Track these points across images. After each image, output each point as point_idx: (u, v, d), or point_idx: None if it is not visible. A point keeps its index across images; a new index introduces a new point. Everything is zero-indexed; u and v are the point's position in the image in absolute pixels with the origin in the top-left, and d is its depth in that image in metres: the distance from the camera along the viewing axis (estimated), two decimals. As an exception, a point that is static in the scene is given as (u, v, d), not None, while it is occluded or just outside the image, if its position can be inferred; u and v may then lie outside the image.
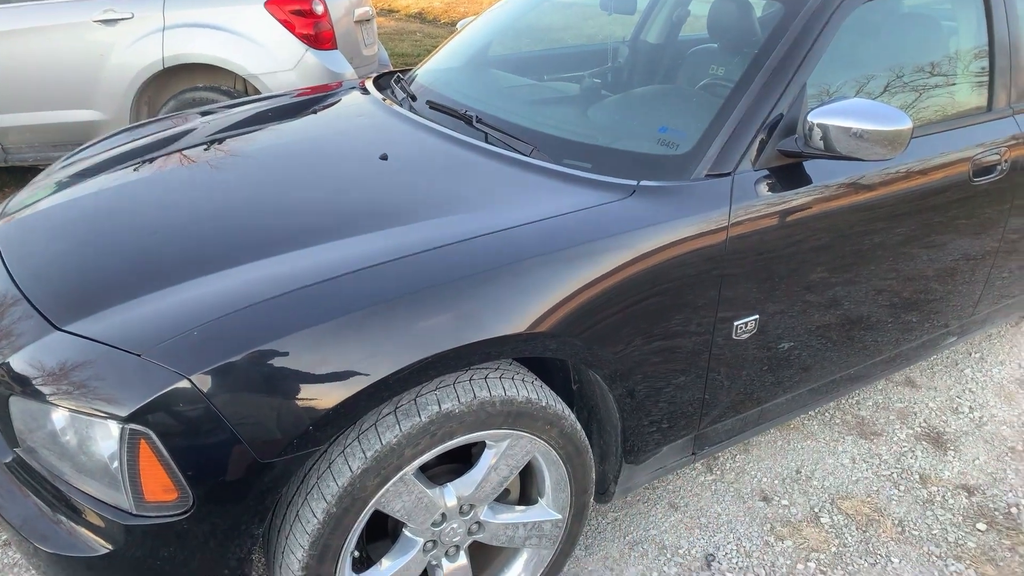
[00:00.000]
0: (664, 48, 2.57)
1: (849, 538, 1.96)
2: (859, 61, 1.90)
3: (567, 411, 1.52)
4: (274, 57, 4.07)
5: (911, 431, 2.36)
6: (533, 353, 1.41)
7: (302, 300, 1.23)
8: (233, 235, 1.45)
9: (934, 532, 1.98)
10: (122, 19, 4.01)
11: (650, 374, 1.59)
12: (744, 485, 2.14)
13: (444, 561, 1.53)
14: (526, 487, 1.66)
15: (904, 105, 1.92)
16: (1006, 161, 2.04)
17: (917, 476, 2.18)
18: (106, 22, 4.01)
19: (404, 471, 1.33)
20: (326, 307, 1.23)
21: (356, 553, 1.45)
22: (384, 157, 1.75)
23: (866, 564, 1.88)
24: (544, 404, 1.46)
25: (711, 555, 1.90)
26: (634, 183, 1.58)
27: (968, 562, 1.89)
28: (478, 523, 1.54)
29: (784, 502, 2.08)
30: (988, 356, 2.77)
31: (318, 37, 4.17)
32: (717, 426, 1.86)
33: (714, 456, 2.25)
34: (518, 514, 1.59)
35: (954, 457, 2.25)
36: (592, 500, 1.69)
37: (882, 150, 1.58)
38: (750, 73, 1.72)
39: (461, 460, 1.53)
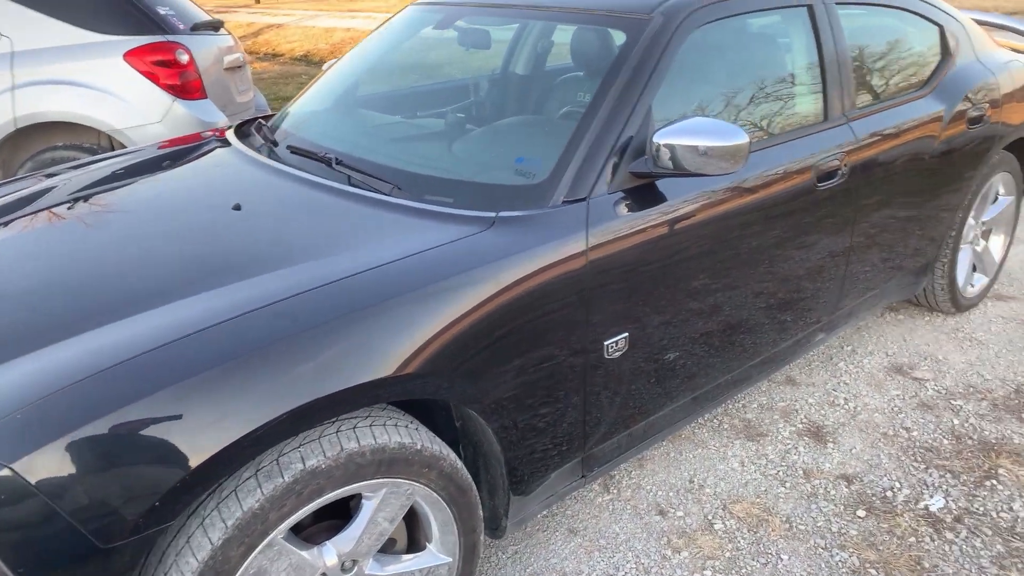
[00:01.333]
0: (529, 79, 2.63)
1: (741, 541, 2.00)
2: (704, 81, 1.99)
3: (445, 451, 1.49)
4: (139, 110, 3.91)
5: (794, 428, 2.46)
6: (403, 396, 1.39)
7: (141, 367, 1.16)
8: (73, 302, 1.36)
9: (819, 524, 2.05)
10: (-35, 80, 3.76)
11: (527, 404, 1.59)
12: (641, 501, 2.16)
13: (328, 624, 1.46)
14: (414, 533, 1.62)
15: (747, 120, 2.03)
16: (845, 166, 2.17)
17: (801, 471, 2.26)
18: (-53, 84, 3.75)
19: (271, 536, 1.27)
20: (167, 371, 1.16)
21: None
22: (237, 207, 1.69)
23: (758, 565, 1.93)
24: (419, 447, 1.43)
25: (611, 576, 1.91)
26: (493, 215, 1.59)
27: (851, 550, 1.96)
28: (364, 578, 1.48)
29: (680, 513, 2.11)
30: (859, 348, 2.93)
31: (185, 87, 4.04)
32: (604, 445, 1.87)
33: (609, 475, 2.26)
34: (406, 563, 1.55)
35: (834, 449, 2.36)
36: (482, 538, 1.66)
37: (725, 164, 1.66)
38: (598, 99, 1.78)
39: (339, 514, 1.47)
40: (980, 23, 3.40)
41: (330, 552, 1.41)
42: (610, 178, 1.71)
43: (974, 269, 3.20)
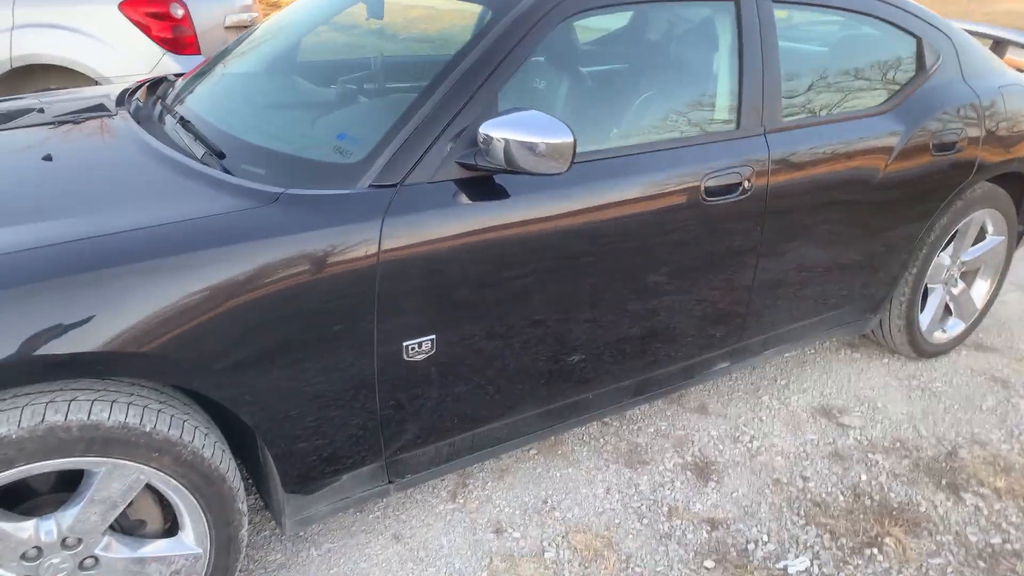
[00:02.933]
0: (395, 56, 2.44)
1: (566, 575, 1.85)
2: (576, 76, 1.82)
3: (190, 438, 1.41)
4: (128, 60, 3.96)
5: (680, 460, 2.27)
6: (124, 375, 1.31)
7: None
8: None
9: (658, 569, 1.88)
10: (-32, 17, 3.88)
11: (296, 401, 1.49)
12: (483, 515, 2.03)
13: (49, 600, 1.41)
14: (175, 519, 1.54)
15: (617, 123, 1.85)
16: (749, 181, 1.96)
17: (666, 509, 2.08)
18: (-48, 20, 3.88)
19: (-52, 501, 1.22)
20: None
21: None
22: (48, 158, 1.64)
23: (572, 603, 1.78)
24: (148, 430, 1.35)
25: (412, 591, 1.80)
26: (279, 191, 1.48)
27: (680, 602, 1.79)
28: (94, 558, 1.42)
29: (516, 535, 1.98)
30: (793, 383, 2.69)
31: (177, 41, 4.07)
32: (414, 453, 1.75)
33: (464, 483, 2.14)
34: (150, 548, 1.48)
35: (713, 489, 2.16)
36: (244, 533, 1.57)
37: (551, 164, 1.50)
38: (437, 80, 1.64)
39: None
40: (996, 40, 3.05)
41: (48, 526, 1.35)
42: (435, 167, 1.57)
43: (949, 312, 2.89)
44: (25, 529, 1.33)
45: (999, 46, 3.12)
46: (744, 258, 2.05)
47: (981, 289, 2.93)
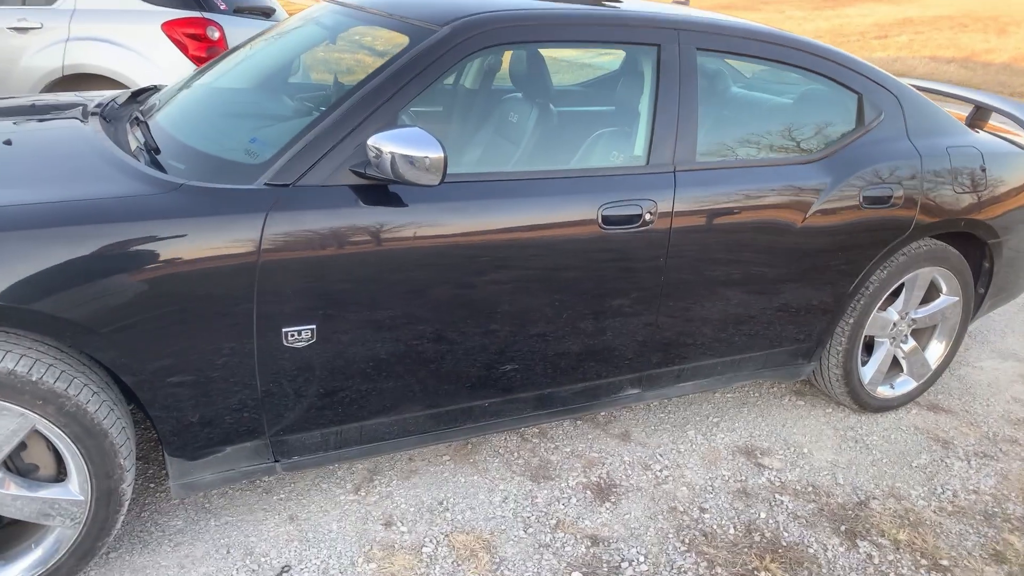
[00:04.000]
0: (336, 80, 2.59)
1: (436, 569, 1.95)
2: (477, 104, 1.97)
3: (75, 393, 1.58)
4: (164, 74, 4.32)
5: (584, 480, 2.34)
6: (20, 328, 1.50)
7: None
8: None
9: (526, 575, 1.95)
10: (32, 28, 4.33)
11: (173, 369, 1.66)
12: (378, 508, 2.15)
13: (-58, 523, 1.60)
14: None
15: (515, 151, 1.98)
16: (651, 214, 2.06)
17: (554, 522, 2.15)
18: (19, 30, 4.33)
19: None
20: None
21: None
22: (8, 142, 1.89)
23: (432, 595, 1.87)
24: (35, 379, 1.53)
25: (288, 567, 1.92)
26: (180, 181, 1.67)
27: (535, 607, 1.86)
28: (-19, 492, 1.61)
29: (403, 529, 2.08)
30: (724, 422, 2.72)
31: (211, 60, 4.42)
32: (301, 436, 1.89)
33: (370, 478, 2.26)
34: (37, 490, 1.65)
35: (608, 510, 2.22)
36: (126, 488, 1.73)
37: (425, 176, 1.66)
38: (345, 96, 1.82)
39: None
40: (978, 105, 3.05)
41: (-59, 456, 1.54)
42: (328, 173, 1.74)
43: (901, 370, 2.87)
44: (-77, 455, 1.53)
45: (980, 111, 3.13)
46: (645, 288, 2.13)
47: (935, 349, 2.91)
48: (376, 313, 1.81)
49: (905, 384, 2.89)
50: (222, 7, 4.59)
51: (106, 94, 2.50)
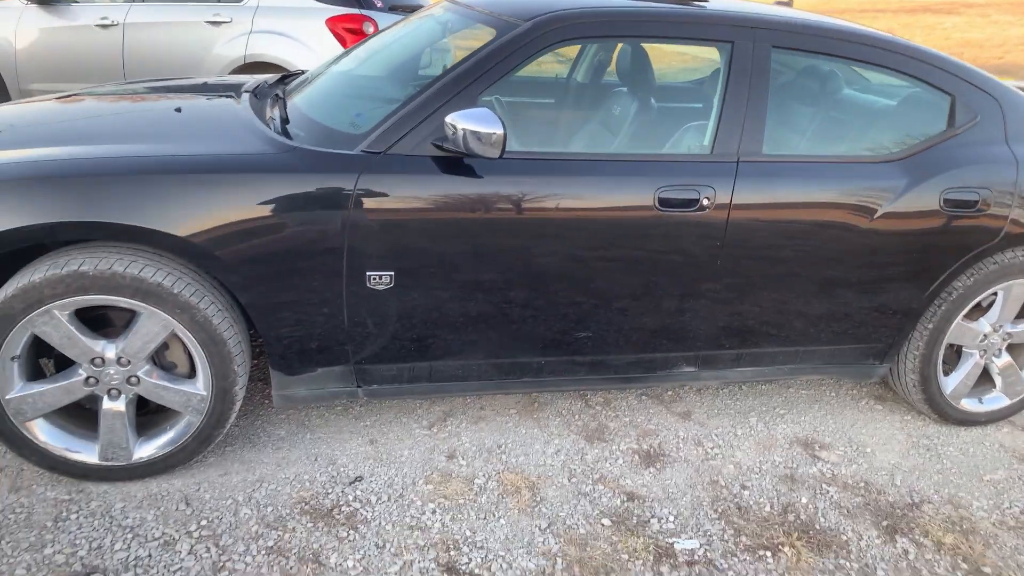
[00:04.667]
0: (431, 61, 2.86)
1: (482, 499, 2.22)
2: (557, 90, 2.20)
3: (205, 306, 2.01)
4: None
5: (635, 447, 2.51)
6: (160, 248, 1.94)
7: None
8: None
9: (560, 514, 2.18)
10: (224, 22, 5.06)
11: (280, 295, 2.04)
12: (445, 444, 2.45)
13: (105, 399, 2.08)
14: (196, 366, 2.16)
15: (582, 135, 2.19)
16: (708, 200, 2.20)
17: (597, 476, 2.35)
18: (213, 23, 5.08)
19: (47, 306, 1.91)
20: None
21: (46, 361, 2.06)
22: (178, 110, 2.37)
23: (475, 517, 2.14)
24: (176, 292, 1.97)
25: (360, 477, 2.27)
26: (295, 144, 2.05)
27: (562, 539, 2.07)
28: (137, 377, 2.07)
29: (463, 462, 2.37)
30: (791, 414, 2.78)
31: (365, 52, 4.95)
32: (380, 367, 2.23)
33: (444, 419, 2.57)
34: (172, 382, 2.10)
35: (652, 474, 2.39)
36: (239, 389, 2.14)
37: (488, 149, 1.94)
38: (434, 81, 2.13)
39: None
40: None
41: (110, 346, 2.02)
42: (415, 144, 2.06)
43: (994, 385, 2.78)
44: (98, 343, 2.01)
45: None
46: (699, 269, 2.28)
47: (1037, 368, 2.78)
48: (445, 268, 2.11)
49: (997, 400, 2.79)
50: (378, 4, 5.11)
51: (261, 77, 2.98)
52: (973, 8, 32.35)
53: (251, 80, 2.90)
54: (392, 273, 2.08)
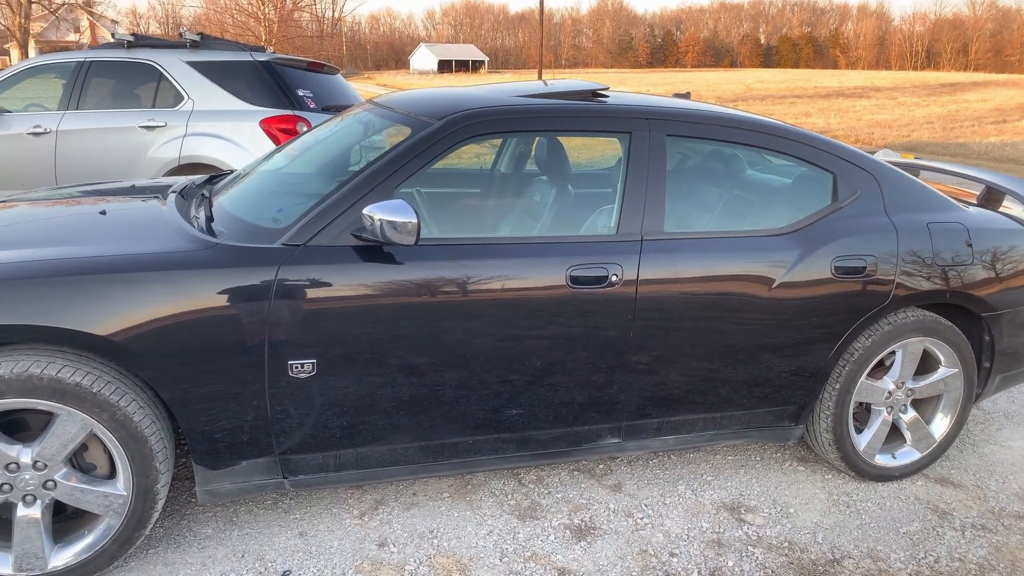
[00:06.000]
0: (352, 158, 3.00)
1: (413, 583, 2.21)
2: (470, 181, 2.35)
3: (125, 404, 2.02)
4: (259, 163, 5.01)
5: (567, 522, 2.55)
6: (79, 348, 1.96)
7: None
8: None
9: (491, 595, 2.18)
10: (158, 126, 5.17)
11: (201, 388, 2.06)
12: (376, 531, 2.44)
13: (20, 505, 2.03)
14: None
15: (493, 220, 2.33)
16: (616, 276, 2.34)
17: (529, 554, 2.37)
18: (146, 128, 5.19)
19: (-39, 412, 1.89)
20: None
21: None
22: (103, 213, 2.43)
23: (404, 604, 2.12)
24: (95, 391, 1.98)
25: (289, 571, 2.24)
26: (216, 241, 2.12)
27: (493, 621, 2.07)
28: (54, 481, 2.04)
29: (394, 550, 2.36)
30: (718, 480, 2.86)
31: (299, 151, 5.10)
32: (305, 456, 2.24)
33: (375, 507, 2.57)
34: (89, 483, 2.07)
35: (582, 548, 2.42)
36: (162, 488, 2.12)
37: (403, 237, 2.04)
38: (353, 176, 2.25)
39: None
40: (990, 186, 3.17)
41: (27, 450, 1.99)
42: (335, 235, 2.16)
43: (904, 440, 2.93)
44: (13, 448, 1.99)
45: (992, 192, 3.23)
46: (614, 343, 2.39)
47: (940, 422, 2.95)
48: (368, 353, 2.17)
49: (908, 455, 2.93)
50: (311, 105, 5.32)
51: (188, 178, 3.07)
52: (882, 92, 34.99)
53: (178, 181, 2.99)
54: (314, 361, 2.13)
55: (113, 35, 5.74)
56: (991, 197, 3.22)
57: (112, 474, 2.12)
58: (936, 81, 41.82)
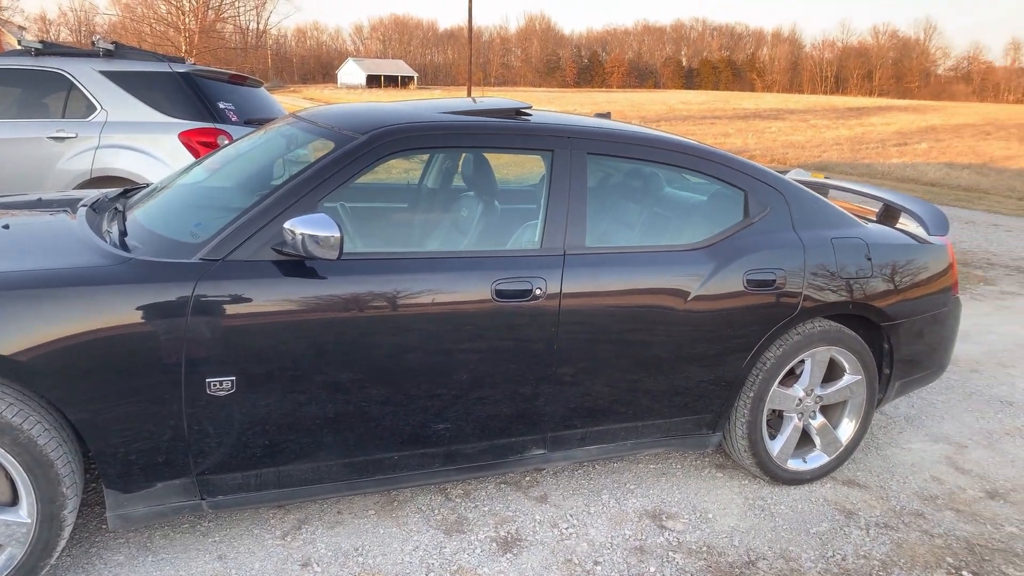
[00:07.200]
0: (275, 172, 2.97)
1: (337, 602, 2.17)
2: (393, 196, 2.36)
3: (29, 427, 1.92)
4: (178, 176, 4.87)
5: (493, 534, 2.56)
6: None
7: None
8: None
9: (417, 610, 2.17)
10: (68, 137, 4.96)
11: (113, 408, 1.99)
12: (299, 551, 2.40)
13: (-89, 536, 1.91)
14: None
15: (419, 234, 2.35)
16: (540, 290, 2.39)
17: (455, 568, 2.37)
18: (56, 139, 4.97)
19: None
20: None
21: None
22: (6, 227, 2.32)
23: (328, 623, 2.09)
24: (-4, 414, 1.88)
25: (206, 595, 2.17)
26: (130, 256, 2.06)
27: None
28: (-52, 510, 1.93)
29: (317, 569, 2.32)
30: (640, 489, 2.93)
31: (220, 164, 4.98)
32: (224, 477, 2.19)
33: (298, 527, 2.52)
34: (-8, 511, 1.96)
35: (508, 560, 2.43)
36: (68, 514, 2.03)
37: (326, 251, 2.03)
38: (274, 189, 2.22)
39: None
40: (887, 204, 3.39)
41: (-81, 476, 1.88)
42: (255, 249, 2.12)
43: (814, 445, 3.07)
44: (-100, 474, 1.86)
45: (889, 209, 3.44)
46: (539, 355, 2.43)
47: (846, 426, 3.11)
48: (290, 369, 2.14)
49: (818, 459, 3.07)
50: (233, 118, 5.21)
51: (100, 192, 2.96)
52: (795, 114, 36.74)
53: (90, 194, 2.88)
54: (233, 378, 2.09)
55: (19, 42, 5.49)
56: (888, 214, 3.43)
57: (15, 501, 2.02)
58: (844, 105, 44.23)
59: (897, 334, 3.05)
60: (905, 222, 3.40)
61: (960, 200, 13.12)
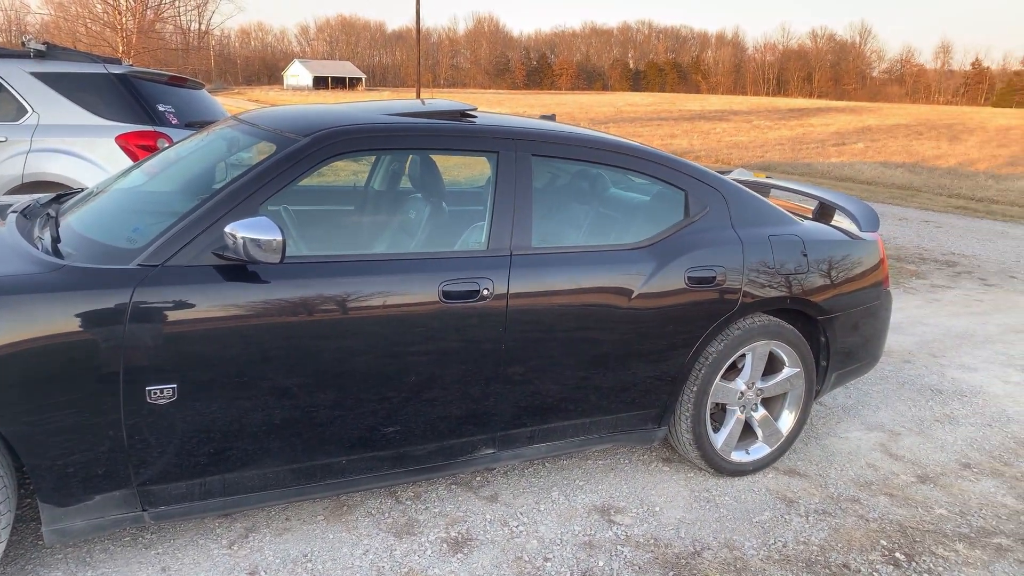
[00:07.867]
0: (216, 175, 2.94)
1: (286, 610, 2.15)
2: (338, 198, 2.35)
3: (-42, 440, 1.86)
4: (115, 181, 4.74)
5: (444, 535, 2.57)
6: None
7: None
8: None
9: (367, 614, 2.16)
10: (-2, 141, 4.78)
11: (47, 420, 1.93)
12: (246, 560, 2.37)
13: None
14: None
15: (367, 236, 2.34)
16: (487, 291, 2.41)
17: (406, 570, 2.37)
18: (-16, 142, 4.78)
19: None
20: None
21: None
22: (-68, 236, 2.23)
23: (276, 631, 2.07)
24: (-79, 428, 1.81)
25: (150, 608, 2.12)
26: (63, 263, 2.01)
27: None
28: None
29: (265, 576, 2.30)
30: (589, 485, 2.97)
31: (160, 168, 4.87)
32: (167, 486, 2.14)
33: (245, 535, 2.48)
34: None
35: (459, 560, 2.44)
36: (1, 531, 1.96)
37: (267, 255, 2.01)
38: (214, 193, 2.19)
39: None
40: (823, 202, 3.51)
41: None
42: (195, 254, 2.09)
43: (756, 437, 3.16)
44: None
45: (824, 207, 3.57)
46: (487, 355, 2.45)
47: (786, 418, 3.21)
48: (233, 375, 2.11)
49: (760, 450, 3.16)
50: (173, 121, 5.09)
51: (31, 197, 2.87)
52: (739, 115, 37.61)
53: (20, 200, 2.79)
54: (175, 386, 2.05)
55: (-57, 42, 5.26)
56: (824, 212, 3.55)
57: (-56, 518, 1.95)
58: (786, 106, 45.45)
59: (833, 327, 3.16)
60: (839, 219, 3.53)
61: (894, 198, 13.64)
